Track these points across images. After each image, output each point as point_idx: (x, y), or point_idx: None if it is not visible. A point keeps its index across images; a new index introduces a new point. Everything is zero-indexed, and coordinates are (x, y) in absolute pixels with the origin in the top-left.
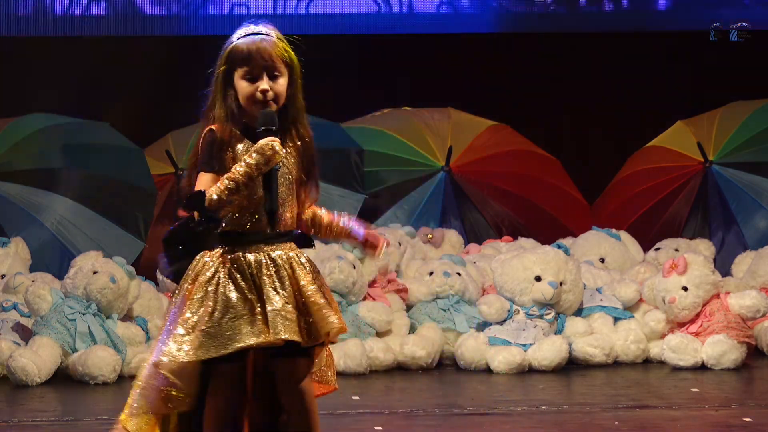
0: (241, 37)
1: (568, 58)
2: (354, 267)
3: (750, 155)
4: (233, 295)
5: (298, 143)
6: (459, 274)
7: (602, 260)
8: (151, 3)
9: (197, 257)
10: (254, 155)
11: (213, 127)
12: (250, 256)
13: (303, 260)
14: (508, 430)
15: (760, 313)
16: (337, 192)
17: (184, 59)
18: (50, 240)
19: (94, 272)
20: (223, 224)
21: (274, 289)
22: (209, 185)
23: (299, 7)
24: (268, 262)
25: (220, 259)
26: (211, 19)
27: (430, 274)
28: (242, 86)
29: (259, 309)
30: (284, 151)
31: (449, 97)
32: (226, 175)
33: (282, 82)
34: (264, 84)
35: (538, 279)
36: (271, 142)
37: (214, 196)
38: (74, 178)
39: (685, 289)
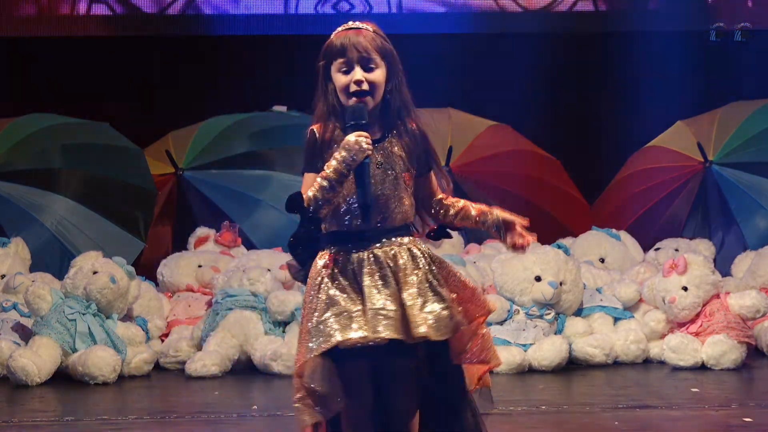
0: (338, 33)
1: (568, 58)
2: None
3: (750, 155)
4: (334, 293)
5: (406, 137)
6: None
7: (602, 260)
8: (151, 3)
9: (315, 261)
10: (342, 151)
11: (314, 127)
12: (354, 255)
13: (415, 252)
14: (508, 430)
15: (760, 313)
16: None
17: (184, 59)
18: (50, 240)
19: (94, 272)
20: (323, 225)
21: (375, 287)
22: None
23: (300, 6)
24: (371, 259)
25: (326, 260)
26: (211, 20)
27: None
28: (338, 78)
29: (360, 307)
30: (382, 150)
31: (449, 97)
32: (319, 174)
33: (378, 73)
34: (358, 75)
35: (538, 279)
36: (357, 136)
37: (311, 196)
38: (74, 178)
39: (685, 289)
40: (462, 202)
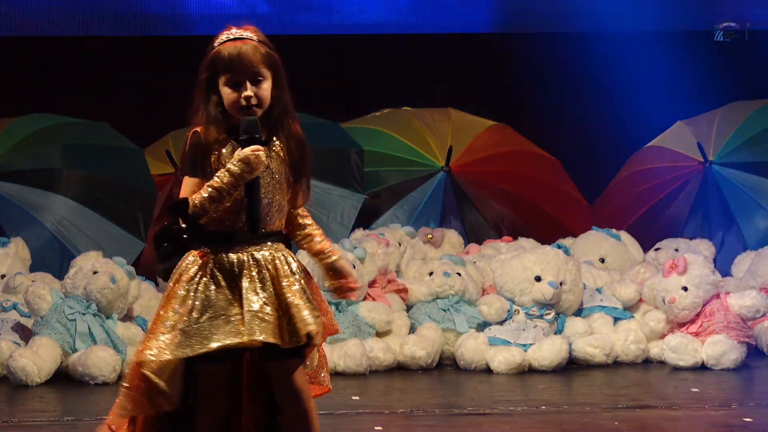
0: (222, 42)
1: (568, 58)
2: (354, 267)
3: (750, 155)
4: (213, 294)
5: (286, 143)
6: (459, 274)
7: (602, 260)
8: (151, 3)
9: (184, 257)
10: (238, 164)
11: (197, 129)
12: (233, 256)
13: (290, 260)
14: (508, 430)
15: (760, 313)
16: (337, 192)
17: (184, 59)
18: (50, 240)
19: (94, 272)
20: (204, 229)
21: (254, 290)
22: (194, 191)
23: (300, 6)
24: (251, 262)
25: (204, 259)
26: (210, 19)
27: (430, 274)
28: (226, 93)
29: (238, 309)
30: (269, 155)
31: (449, 97)
32: (209, 183)
33: (266, 86)
34: (248, 91)
35: (538, 279)
36: (256, 151)
37: (198, 204)
38: (74, 178)
39: (685, 289)
40: (309, 229)
